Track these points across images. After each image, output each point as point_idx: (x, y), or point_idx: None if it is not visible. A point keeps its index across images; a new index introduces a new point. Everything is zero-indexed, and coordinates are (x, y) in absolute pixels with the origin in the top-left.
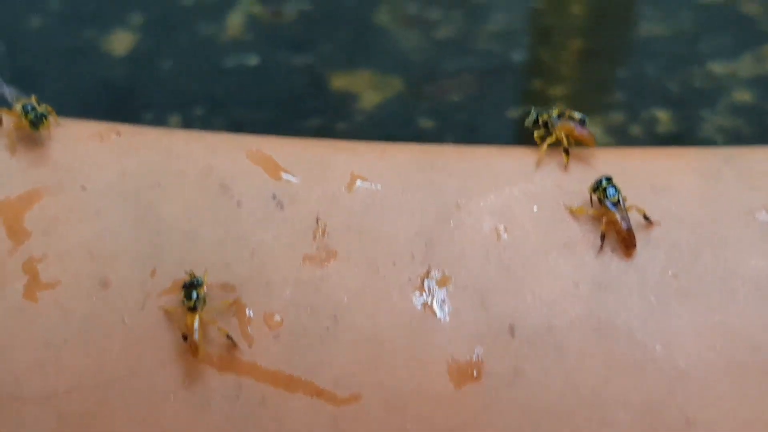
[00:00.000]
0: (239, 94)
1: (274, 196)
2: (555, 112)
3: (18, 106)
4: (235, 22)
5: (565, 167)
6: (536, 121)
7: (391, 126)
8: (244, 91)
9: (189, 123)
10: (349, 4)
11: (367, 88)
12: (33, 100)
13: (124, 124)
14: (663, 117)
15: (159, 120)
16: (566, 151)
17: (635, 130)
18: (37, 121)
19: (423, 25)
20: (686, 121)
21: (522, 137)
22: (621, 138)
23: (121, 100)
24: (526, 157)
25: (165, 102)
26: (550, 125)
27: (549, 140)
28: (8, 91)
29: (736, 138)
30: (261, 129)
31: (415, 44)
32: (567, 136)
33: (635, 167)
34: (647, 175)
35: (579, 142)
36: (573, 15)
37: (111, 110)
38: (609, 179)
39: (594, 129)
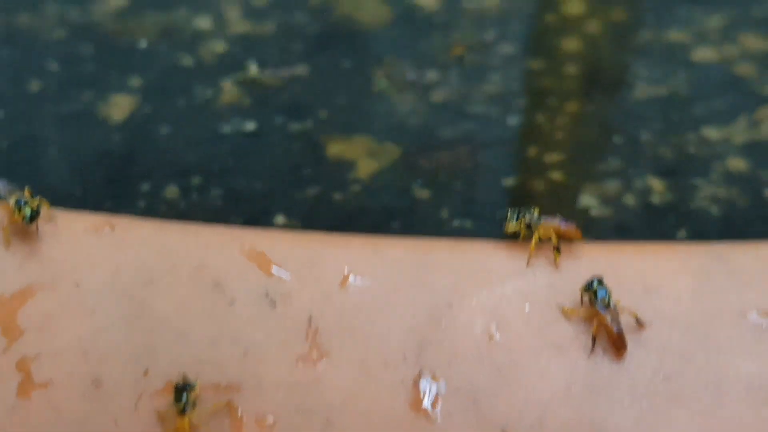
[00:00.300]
0: (236, 162)
1: (266, 294)
2: (536, 212)
3: (11, 200)
4: (231, 86)
5: (556, 265)
6: (518, 220)
7: (387, 196)
8: (242, 159)
9: (186, 194)
10: (346, 67)
11: (363, 156)
12: (26, 193)
13: (120, 211)
14: (657, 186)
15: (155, 192)
16: (557, 249)
17: (630, 199)
18: (31, 217)
19: (420, 89)
20: (680, 190)
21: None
22: (616, 209)
23: (119, 169)
24: (517, 254)
25: (162, 171)
26: (532, 226)
27: (536, 239)
28: (1, 185)
29: (730, 208)
30: (258, 201)
31: (411, 108)
32: (554, 234)
33: (626, 265)
34: (638, 273)
35: (566, 238)
36: (568, 76)
37: (108, 181)
38: (600, 281)
39: (589, 198)
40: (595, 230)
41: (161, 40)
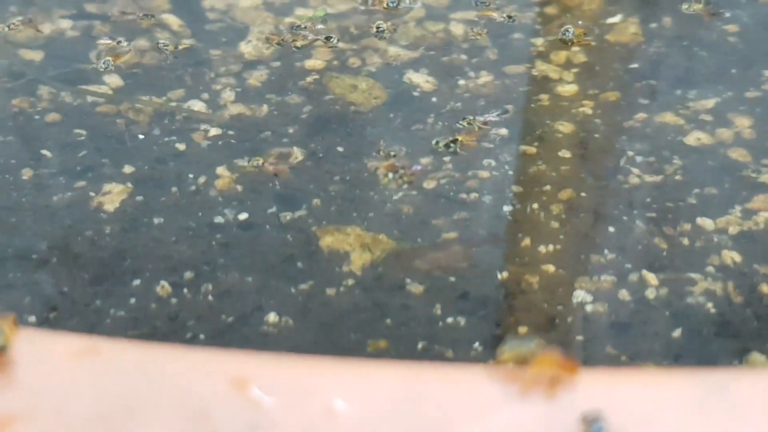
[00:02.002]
0: (228, 255)
1: (251, 423)
2: (534, 345)
3: None
4: (224, 173)
5: (551, 396)
6: (515, 349)
7: (380, 292)
8: (233, 253)
9: (178, 290)
10: (340, 151)
11: (357, 248)
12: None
13: (110, 309)
14: (651, 280)
15: (146, 289)
16: (552, 380)
17: (624, 295)
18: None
19: (413, 175)
20: (675, 285)
21: (511, 307)
22: (611, 305)
23: (109, 264)
24: (511, 381)
25: (153, 266)
26: (529, 356)
27: (532, 369)
28: None
29: (726, 304)
30: (250, 297)
31: (405, 195)
32: (551, 364)
33: (625, 396)
34: (637, 404)
35: (563, 370)
36: (562, 162)
37: (99, 276)
38: (596, 419)
39: (584, 293)
40: (590, 328)
41: (155, 123)
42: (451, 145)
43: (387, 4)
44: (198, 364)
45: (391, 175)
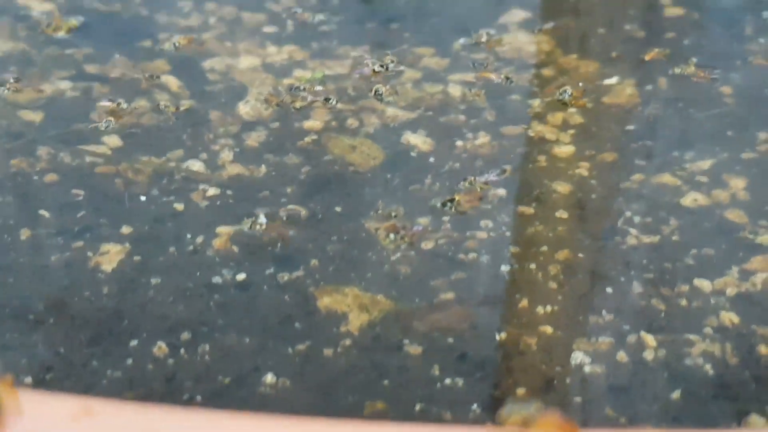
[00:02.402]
0: (226, 316)
1: None
2: (534, 408)
3: None
4: (223, 233)
5: None
6: (516, 413)
7: (378, 353)
8: (231, 313)
9: (175, 351)
10: (338, 211)
11: (354, 309)
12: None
13: (106, 370)
14: (650, 341)
15: (143, 349)
16: None
17: (623, 356)
18: None
19: (411, 235)
20: (673, 346)
21: (509, 368)
22: (609, 366)
23: (106, 324)
24: None
25: (151, 326)
26: (530, 420)
27: None
28: None
29: (724, 366)
30: (247, 358)
31: (403, 256)
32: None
33: None
34: None
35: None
36: (560, 222)
37: (95, 337)
38: None
39: (582, 355)
40: (589, 390)
41: (153, 183)
42: (449, 204)
43: (374, 69)
44: (195, 427)
45: (392, 235)
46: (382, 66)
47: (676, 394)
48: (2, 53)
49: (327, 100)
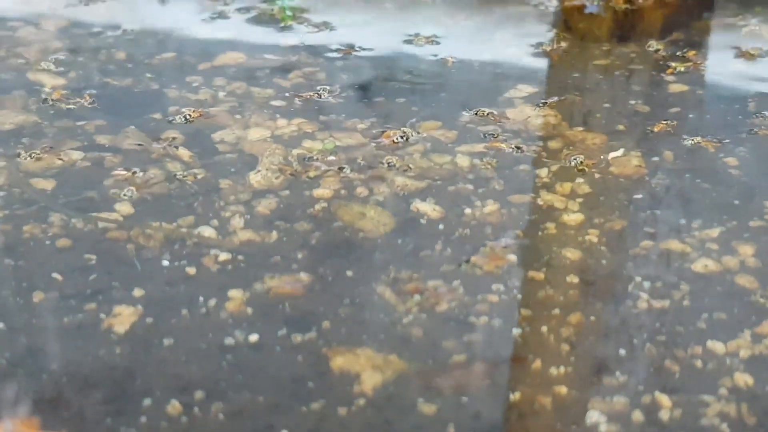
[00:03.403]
0: (239, 375)
1: None
2: None
3: None
4: (235, 296)
5: None
6: None
7: (392, 412)
8: (244, 373)
9: (188, 410)
10: (349, 276)
11: (368, 369)
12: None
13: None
14: (665, 402)
15: (157, 408)
16: None
17: (637, 416)
18: None
19: (424, 298)
20: (689, 407)
21: (524, 428)
22: (624, 427)
23: (120, 383)
24: None
25: (164, 385)
26: None
27: None
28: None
29: (741, 426)
30: (261, 417)
31: (415, 319)
32: None
33: None
34: None
35: None
36: (570, 287)
37: (109, 397)
38: None
39: (597, 414)
40: None
41: (165, 249)
42: (464, 265)
43: (395, 140)
44: None
45: (400, 299)
46: (402, 137)
47: None
48: (14, 125)
49: (341, 169)
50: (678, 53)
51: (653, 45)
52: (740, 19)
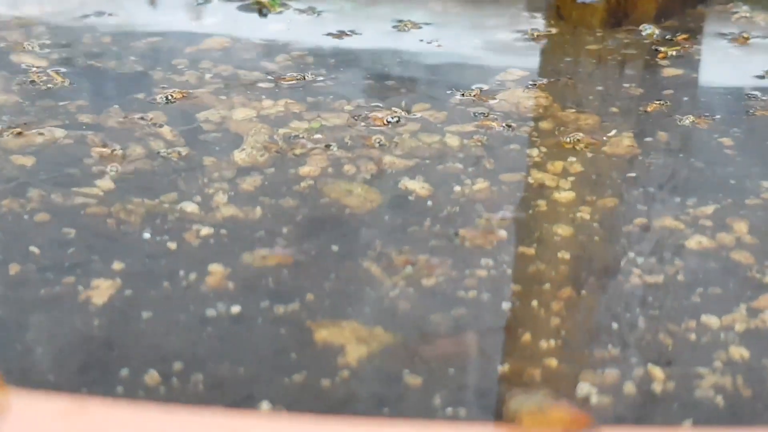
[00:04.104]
0: (220, 347)
1: None
2: (542, 397)
3: None
4: (216, 270)
5: None
6: None
7: (377, 383)
8: (225, 344)
9: (167, 380)
10: (334, 251)
11: (352, 341)
12: None
13: (93, 390)
14: (658, 374)
15: (135, 378)
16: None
17: (630, 388)
18: None
19: (411, 272)
20: (682, 379)
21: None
22: (616, 398)
23: (97, 354)
24: None
25: (142, 356)
26: (542, 413)
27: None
28: None
29: (736, 398)
30: (242, 387)
31: (402, 293)
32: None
33: None
34: None
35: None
36: (561, 262)
37: (85, 366)
38: None
39: (588, 386)
40: (597, 421)
41: (146, 224)
42: (454, 237)
43: (386, 121)
44: (192, 426)
45: (386, 273)
46: (393, 118)
47: (686, 424)
48: None
49: (328, 147)
50: (671, 38)
51: (646, 30)
52: (732, 7)
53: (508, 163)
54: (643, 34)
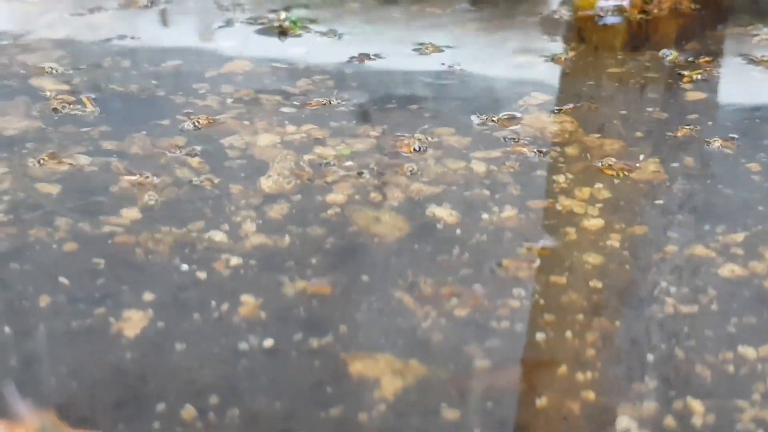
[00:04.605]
0: (255, 380)
1: None
2: None
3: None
4: (248, 300)
5: None
6: None
7: (414, 417)
8: (260, 378)
9: (203, 415)
10: (364, 281)
11: (387, 374)
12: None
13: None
14: (697, 407)
15: (171, 413)
16: None
17: (670, 421)
18: None
19: (442, 303)
20: (722, 413)
21: (553, 428)
22: None
23: (132, 388)
24: None
25: (178, 390)
26: None
27: None
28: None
29: None
30: (279, 423)
31: (434, 323)
32: None
33: None
34: None
35: None
36: (594, 292)
37: (121, 402)
38: None
39: (628, 420)
40: None
41: (175, 253)
42: (497, 268)
43: (413, 149)
44: None
45: (419, 301)
46: (419, 147)
47: None
48: (18, 130)
49: (360, 174)
50: (693, 60)
51: (668, 56)
52: (752, 29)
53: (534, 190)
54: (667, 58)
